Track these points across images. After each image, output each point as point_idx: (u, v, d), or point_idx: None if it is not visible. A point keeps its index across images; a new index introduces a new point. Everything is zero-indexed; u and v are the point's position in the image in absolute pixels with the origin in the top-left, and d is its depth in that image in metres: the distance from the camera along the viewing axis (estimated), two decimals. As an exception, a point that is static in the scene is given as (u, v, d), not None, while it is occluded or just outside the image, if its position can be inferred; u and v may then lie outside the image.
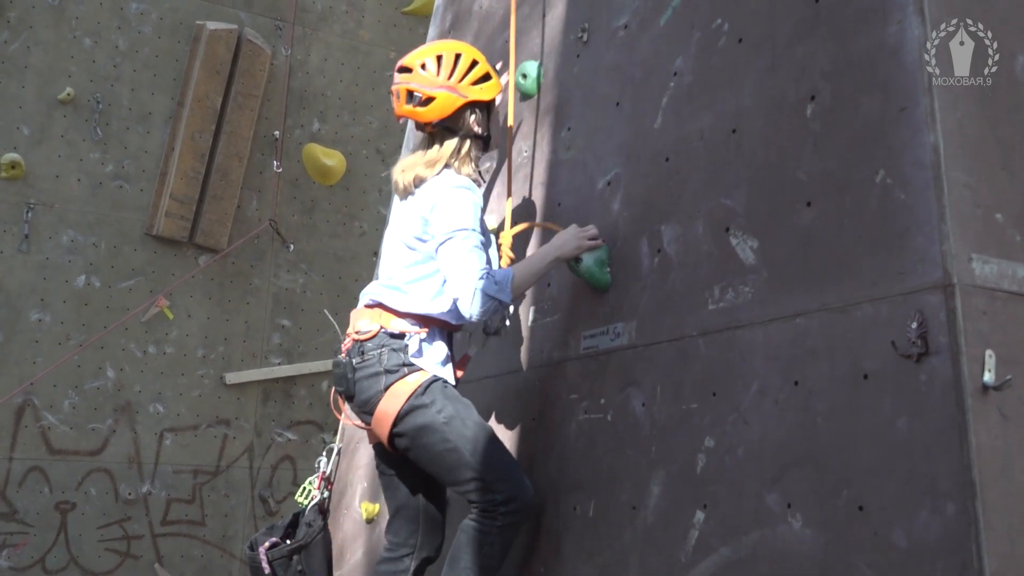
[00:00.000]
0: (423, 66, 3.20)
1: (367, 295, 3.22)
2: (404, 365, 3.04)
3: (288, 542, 3.43)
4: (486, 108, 3.26)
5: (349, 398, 3.15)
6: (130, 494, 7.55)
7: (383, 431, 3.07)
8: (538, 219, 3.56)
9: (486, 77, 3.24)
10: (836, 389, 2.31)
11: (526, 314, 3.51)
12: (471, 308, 2.95)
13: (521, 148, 3.78)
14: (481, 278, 2.95)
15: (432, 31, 4.92)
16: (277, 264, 8.35)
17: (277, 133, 8.30)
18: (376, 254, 7.80)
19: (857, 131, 2.40)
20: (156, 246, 7.85)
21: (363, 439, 4.19)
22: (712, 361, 2.68)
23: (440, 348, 3.15)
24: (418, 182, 3.16)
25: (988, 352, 2.09)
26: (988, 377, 2.07)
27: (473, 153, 3.23)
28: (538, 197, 3.60)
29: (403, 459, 3.16)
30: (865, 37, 2.44)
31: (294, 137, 8.50)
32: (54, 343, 7.40)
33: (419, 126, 3.28)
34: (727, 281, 2.68)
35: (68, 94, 7.58)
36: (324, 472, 4.30)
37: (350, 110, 8.79)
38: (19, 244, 7.40)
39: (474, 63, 3.23)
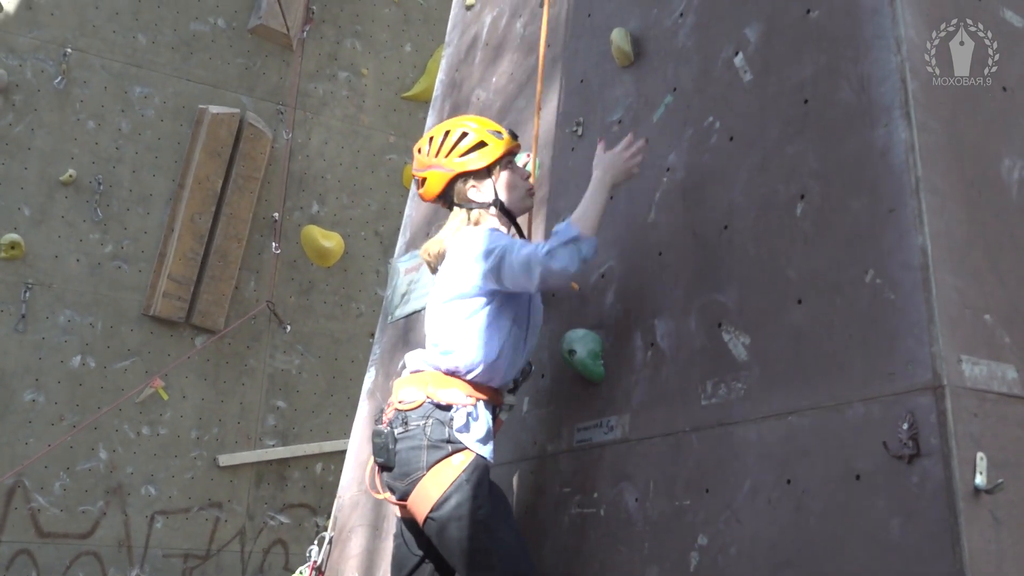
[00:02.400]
0: (419, 150, 3.26)
1: (413, 362, 3.13)
2: (448, 441, 2.90)
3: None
4: (486, 175, 3.16)
5: (387, 469, 3.00)
6: (119, 579, 7.45)
7: (420, 512, 2.92)
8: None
9: (479, 145, 3.14)
10: (829, 489, 2.30)
11: (520, 405, 3.51)
12: (557, 261, 2.83)
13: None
14: (543, 246, 2.87)
15: (431, 119, 4.99)
16: (273, 345, 8.35)
17: (276, 215, 8.38)
18: (372, 336, 7.80)
19: (846, 231, 2.43)
20: (153, 327, 7.86)
21: (356, 528, 4.15)
22: (705, 457, 2.67)
23: (484, 424, 3.00)
24: (442, 254, 3.17)
25: (979, 454, 2.09)
26: (980, 480, 2.07)
27: (488, 220, 3.16)
28: (533, 287, 3.61)
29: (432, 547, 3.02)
30: (853, 139, 2.48)
31: (293, 219, 8.57)
32: (47, 424, 7.36)
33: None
34: (720, 377, 2.69)
35: (70, 175, 7.67)
36: (315, 562, 4.26)
37: (349, 192, 8.88)
38: (16, 324, 7.40)
39: (464, 135, 3.16)
